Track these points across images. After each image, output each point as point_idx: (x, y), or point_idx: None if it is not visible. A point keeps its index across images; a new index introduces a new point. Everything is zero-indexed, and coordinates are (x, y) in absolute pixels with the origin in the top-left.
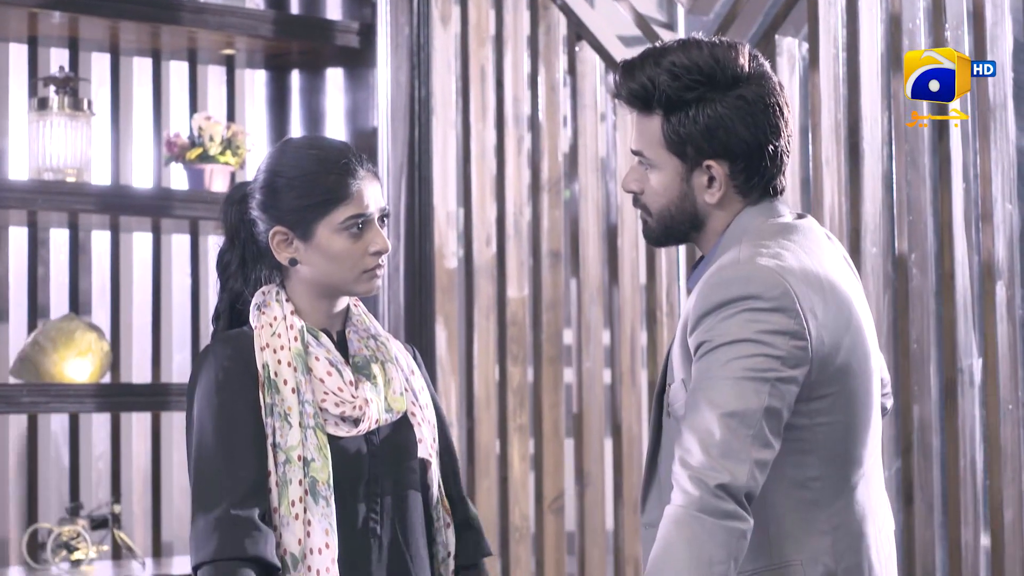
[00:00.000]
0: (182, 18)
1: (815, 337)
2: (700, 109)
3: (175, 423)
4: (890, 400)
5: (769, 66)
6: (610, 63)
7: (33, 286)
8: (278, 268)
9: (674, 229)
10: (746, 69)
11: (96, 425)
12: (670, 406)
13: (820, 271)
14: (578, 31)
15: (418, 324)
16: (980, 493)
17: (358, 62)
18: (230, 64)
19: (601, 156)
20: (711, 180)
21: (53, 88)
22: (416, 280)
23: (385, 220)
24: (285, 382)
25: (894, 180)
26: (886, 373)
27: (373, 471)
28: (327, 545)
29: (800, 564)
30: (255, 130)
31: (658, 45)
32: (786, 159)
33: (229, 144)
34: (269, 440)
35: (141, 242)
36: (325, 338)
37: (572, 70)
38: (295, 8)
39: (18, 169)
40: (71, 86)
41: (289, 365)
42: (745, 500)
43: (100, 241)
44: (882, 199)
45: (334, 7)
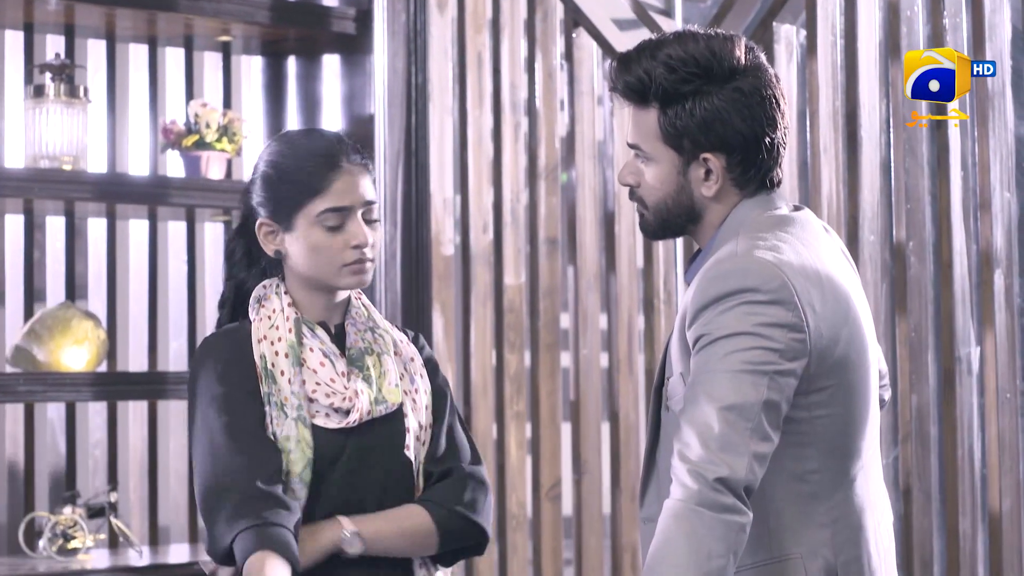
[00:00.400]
0: (178, 4)
1: (813, 329)
2: (697, 102)
3: (172, 411)
4: (888, 392)
5: (765, 58)
6: (607, 50)
7: (29, 274)
8: (282, 260)
9: (671, 222)
10: (743, 61)
11: (92, 413)
12: (669, 400)
13: (818, 263)
14: (575, 17)
15: (415, 311)
16: (978, 482)
17: (354, 48)
18: (226, 50)
19: (598, 143)
20: (708, 173)
21: (49, 75)
22: (413, 267)
23: (374, 212)
24: (282, 372)
25: (892, 168)
26: (883, 364)
27: (357, 463)
28: None
29: (800, 557)
30: (251, 117)
31: (654, 37)
32: (783, 151)
33: (225, 131)
34: (269, 430)
35: (137, 229)
36: (321, 330)
37: (569, 56)
38: None
39: (14, 156)
40: (67, 73)
41: (286, 356)
42: (744, 494)
43: (96, 228)
44: (880, 187)
45: None
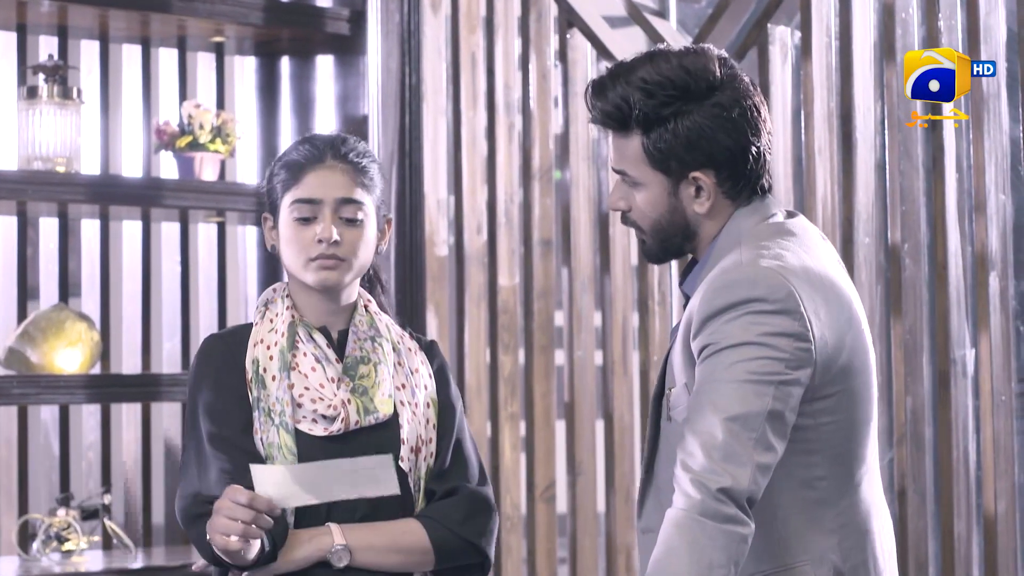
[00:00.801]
0: (172, 5)
1: (819, 338)
2: (679, 122)
3: (165, 412)
4: None
5: (738, 66)
6: (601, 50)
7: (23, 275)
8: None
9: (669, 243)
10: (718, 75)
11: (86, 415)
12: (671, 410)
13: (821, 270)
14: (569, 18)
15: (409, 312)
16: (973, 484)
17: (348, 49)
18: (219, 51)
19: (592, 143)
20: (699, 190)
21: (42, 76)
22: (407, 268)
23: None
24: (273, 378)
25: (887, 170)
26: None
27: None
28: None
29: (808, 564)
30: (245, 118)
31: (625, 61)
32: (769, 157)
33: (219, 132)
34: (257, 436)
35: (131, 230)
36: (320, 335)
37: (563, 57)
38: None
39: (7, 158)
40: (60, 74)
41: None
42: (747, 504)
43: (89, 229)
44: (875, 189)
45: None
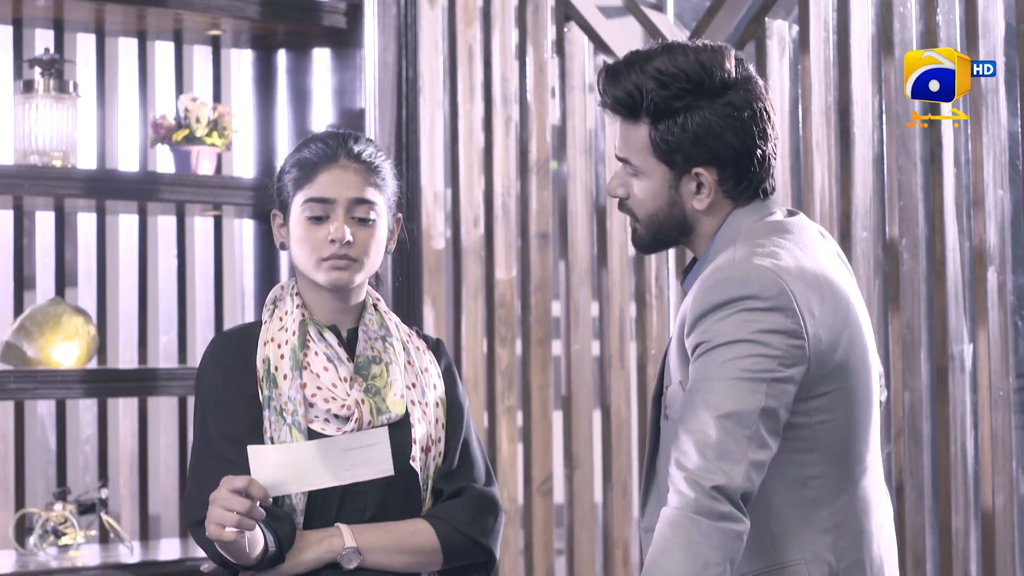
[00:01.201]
0: None
1: (812, 335)
2: (689, 117)
3: (162, 406)
4: (884, 393)
5: (754, 69)
6: (598, 43)
7: (19, 269)
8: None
9: (663, 235)
10: (733, 75)
11: (83, 409)
12: (668, 408)
13: (817, 268)
14: (566, 11)
15: (406, 305)
16: (971, 479)
17: (345, 42)
18: (216, 45)
19: (590, 136)
20: (700, 187)
21: (39, 70)
22: (404, 261)
23: (369, 213)
24: (285, 377)
25: (885, 164)
26: (879, 365)
27: None
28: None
29: (803, 563)
30: (241, 111)
31: (641, 50)
32: (774, 162)
33: (215, 125)
34: (267, 435)
35: (127, 224)
36: (330, 334)
37: (560, 50)
38: None
39: (3, 152)
40: (57, 68)
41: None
42: (741, 501)
43: (86, 223)
44: (873, 183)
45: None
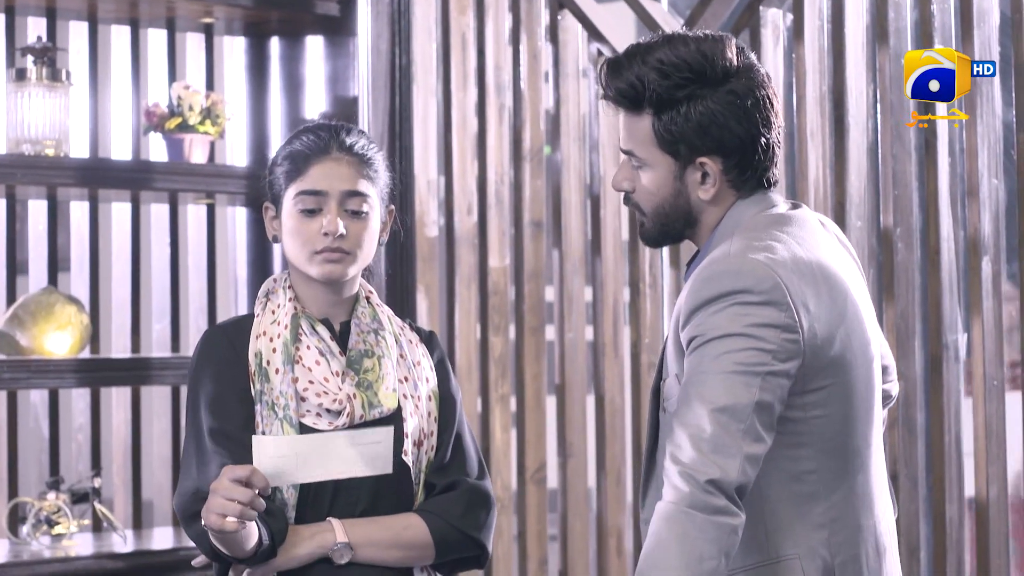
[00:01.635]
0: None
1: (807, 330)
2: (692, 106)
3: (155, 395)
4: (895, 387)
5: (756, 58)
6: (592, 32)
7: (11, 258)
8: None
9: (670, 227)
10: (735, 63)
11: (76, 397)
12: (665, 401)
13: (814, 262)
14: None
15: (399, 294)
16: (964, 468)
17: (338, 30)
18: (209, 32)
19: (584, 124)
20: (705, 176)
21: (31, 58)
22: (397, 249)
23: (362, 206)
24: (277, 371)
25: (880, 154)
26: (890, 360)
27: None
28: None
29: (797, 558)
30: (234, 98)
31: (642, 41)
32: (778, 151)
33: (208, 113)
34: (259, 430)
35: (120, 212)
36: (323, 328)
37: (554, 39)
38: None
39: None
40: (49, 56)
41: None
42: (736, 495)
43: (78, 211)
44: (867, 173)
45: None
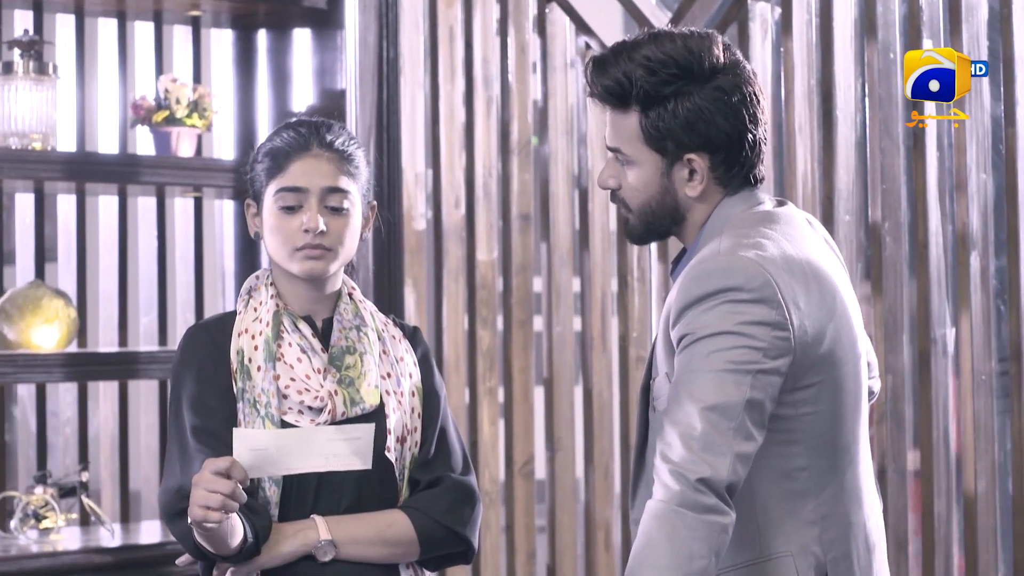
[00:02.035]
0: None
1: (797, 327)
2: (679, 103)
3: (142, 388)
4: (877, 383)
5: (741, 55)
6: (580, 25)
7: None
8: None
9: (655, 225)
10: (721, 59)
11: (63, 391)
12: (655, 400)
13: (802, 259)
14: None
15: (387, 287)
16: (953, 463)
17: (325, 22)
18: (196, 25)
19: (571, 118)
20: (692, 173)
21: (18, 52)
22: (385, 242)
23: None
24: (259, 368)
25: (868, 148)
26: (873, 356)
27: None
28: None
29: (790, 556)
30: (221, 91)
31: (628, 39)
32: (764, 147)
33: (196, 106)
34: (241, 427)
35: (107, 205)
36: (304, 325)
37: (542, 31)
38: None
39: None
40: (36, 49)
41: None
42: (727, 493)
43: (65, 204)
44: (855, 167)
45: None
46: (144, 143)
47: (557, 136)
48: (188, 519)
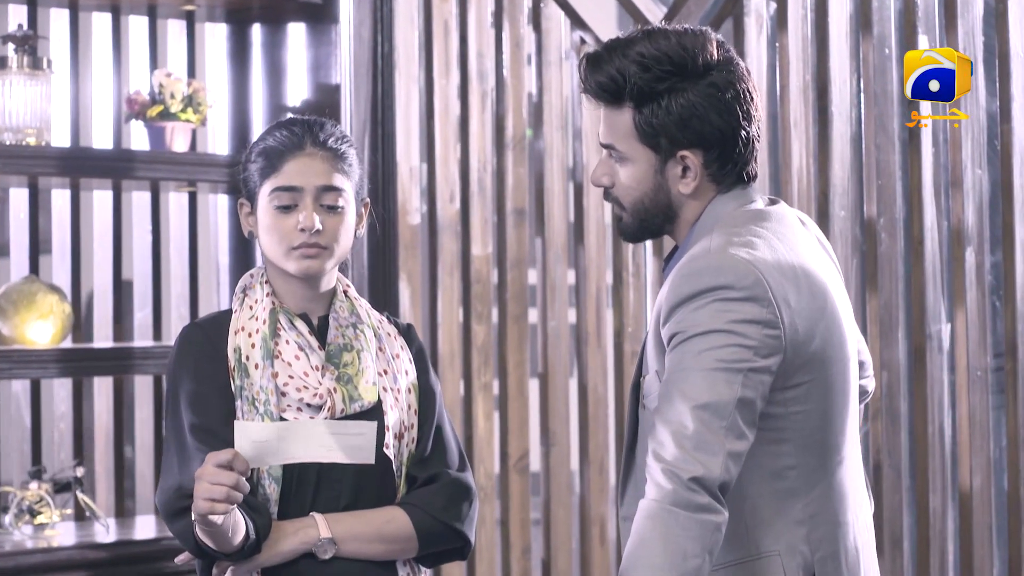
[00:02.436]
0: None
1: (788, 325)
2: (672, 99)
3: (137, 383)
4: (871, 383)
5: (736, 51)
6: (575, 20)
7: None
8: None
9: (649, 222)
10: (715, 56)
11: (57, 386)
12: (645, 398)
13: (793, 258)
14: None
15: (381, 281)
16: (948, 459)
17: (320, 17)
18: (190, 19)
19: (566, 112)
20: (686, 170)
21: (12, 46)
22: (379, 237)
23: (337, 200)
24: (256, 366)
25: (863, 143)
26: (867, 355)
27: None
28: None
29: (777, 555)
30: (216, 85)
31: (622, 36)
32: (757, 144)
33: (190, 101)
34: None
35: (101, 200)
36: (300, 322)
37: (537, 27)
38: None
39: None
40: (30, 44)
41: (258, 348)
42: (719, 492)
43: (60, 199)
44: (851, 162)
45: None
46: (138, 138)
47: (552, 131)
48: (191, 516)
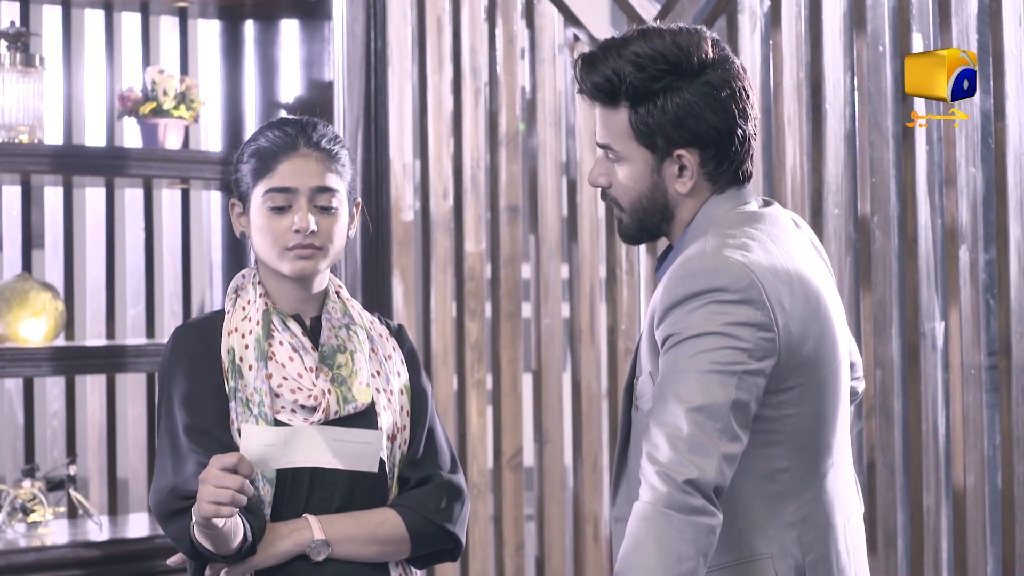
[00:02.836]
0: None
1: (782, 328)
2: (668, 98)
3: (130, 381)
4: (861, 384)
5: (730, 49)
6: (568, 16)
7: None
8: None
9: (648, 222)
10: (710, 55)
11: (50, 384)
12: (638, 399)
13: (788, 261)
14: None
15: (374, 278)
16: (942, 457)
17: (313, 13)
18: (183, 15)
19: (560, 109)
20: (682, 169)
21: (4, 44)
22: (372, 234)
23: (331, 201)
24: (250, 367)
25: (857, 141)
26: (857, 356)
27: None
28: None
29: (769, 557)
30: (209, 82)
31: (617, 36)
32: (753, 143)
33: (183, 98)
34: (234, 426)
35: (94, 197)
36: (294, 323)
37: (530, 23)
38: None
39: None
40: (23, 41)
41: (252, 349)
42: (714, 495)
43: (52, 196)
44: (845, 160)
45: None
46: (131, 135)
47: (545, 127)
48: (187, 517)
